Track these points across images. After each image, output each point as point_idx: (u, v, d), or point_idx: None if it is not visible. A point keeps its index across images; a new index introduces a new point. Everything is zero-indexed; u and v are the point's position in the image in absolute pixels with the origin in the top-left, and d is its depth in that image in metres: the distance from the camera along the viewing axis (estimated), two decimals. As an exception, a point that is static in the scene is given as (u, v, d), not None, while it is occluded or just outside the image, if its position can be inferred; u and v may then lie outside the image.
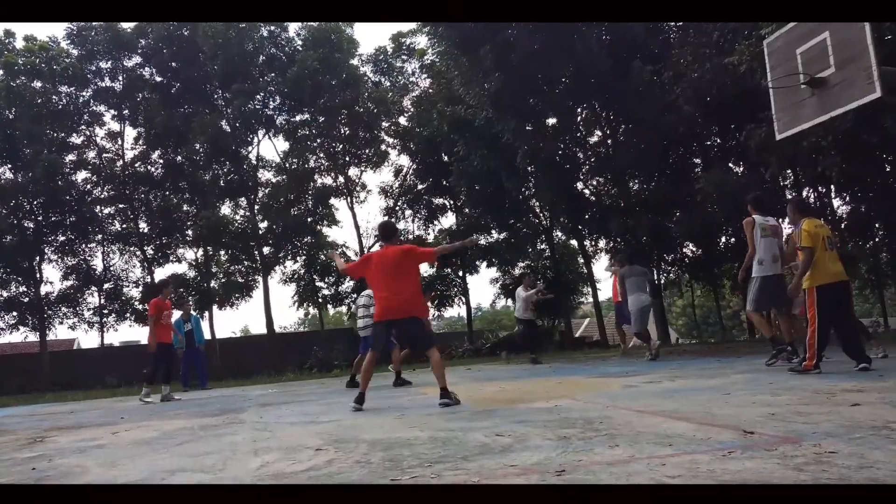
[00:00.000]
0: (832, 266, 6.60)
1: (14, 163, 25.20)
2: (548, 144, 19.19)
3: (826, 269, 6.55)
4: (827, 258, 6.58)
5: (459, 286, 27.81)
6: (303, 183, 26.60)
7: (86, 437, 6.09)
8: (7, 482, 3.80)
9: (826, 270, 6.54)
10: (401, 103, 28.13)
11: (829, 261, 6.60)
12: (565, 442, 3.65)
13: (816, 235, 6.56)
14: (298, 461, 3.73)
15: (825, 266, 6.55)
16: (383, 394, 8.65)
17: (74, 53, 26.07)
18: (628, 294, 11.73)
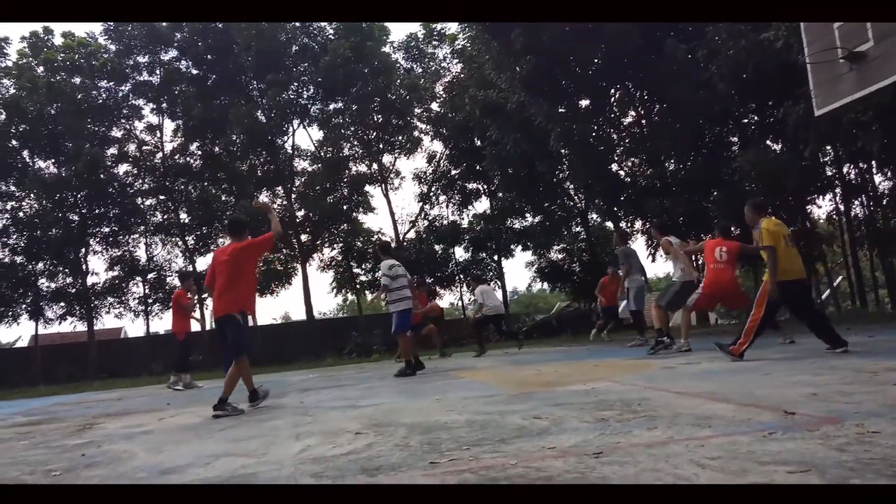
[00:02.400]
0: (794, 263, 6.82)
1: (57, 157, 25.85)
2: (581, 126, 18.99)
3: (789, 266, 6.73)
4: (789, 255, 6.79)
5: (495, 270, 27.81)
6: (338, 171, 26.80)
7: (133, 424, 6.26)
8: (55, 468, 3.95)
9: (789, 268, 6.71)
10: (433, 89, 28.12)
11: (791, 258, 6.82)
12: (603, 424, 3.66)
13: (777, 234, 6.74)
14: (339, 445, 3.79)
15: (789, 263, 6.73)
16: (421, 378, 8.72)
17: (112, 49, 26.55)
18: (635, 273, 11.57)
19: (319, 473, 3.03)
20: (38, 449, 4.99)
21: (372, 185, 28.00)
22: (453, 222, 28.17)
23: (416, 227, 28.44)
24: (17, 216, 25.96)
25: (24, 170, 25.90)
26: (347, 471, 3.03)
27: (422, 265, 25.97)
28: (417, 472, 2.84)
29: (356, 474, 2.93)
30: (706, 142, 19.15)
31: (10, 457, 4.64)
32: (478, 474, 2.68)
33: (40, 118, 25.20)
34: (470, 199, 28.53)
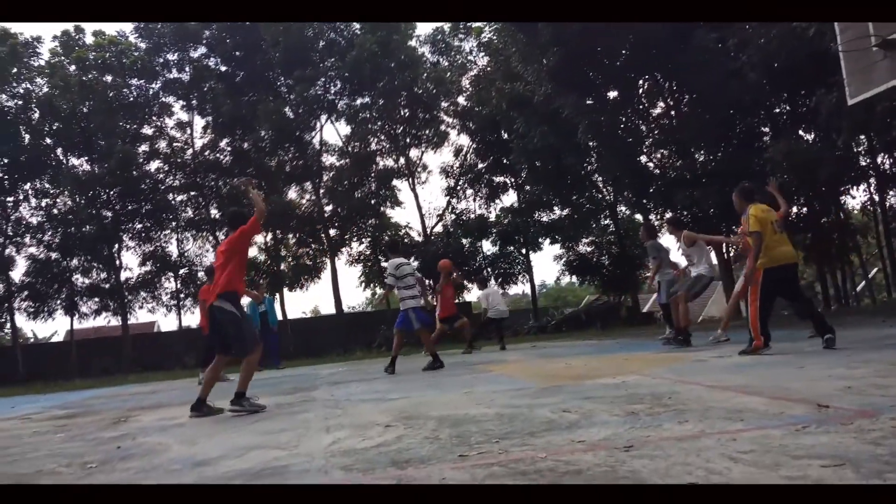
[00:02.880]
0: (782, 248, 6.79)
1: (90, 155, 26.29)
2: (609, 118, 18.85)
3: (776, 252, 6.71)
4: (777, 241, 6.78)
5: (523, 263, 27.72)
6: (365, 166, 26.89)
7: (167, 417, 6.36)
8: (91, 460, 4.03)
9: (776, 254, 6.71)
10: (459, 83, 28.05)
11: (779, 243, 6.80)
12: (633, 417, 3.64)
13: (764, 220, 6.75)
14: (369, 438, 3.82)
15: (775, 249, 6.72)
16: (450, 371, 8.74)
17: (142, 47, 26.91)
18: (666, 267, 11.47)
19: (350, 466, 3.06)
20: (75, 441, 5.10)
21: (399, 180, 28.07)
22: (480, 216, 28.12)
23: (443, 220, 28.45)
24: (52, 213, 26.47)
25: (57, 167, 26.38)
26: (377, 463, 3.06)
27: (449, 259, 25.93)
28: (447, 465, 2.85)
29: (386, 467, 2.95)
30: (736, 132, 18.89)
31: (48, 449, 4.75)
32: (507, 468, 2.69)
33: (73, 116, 25.65)
34: (497, 193, 28.46)
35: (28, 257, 26.13)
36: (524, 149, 22.09)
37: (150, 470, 3.49)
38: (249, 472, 3.14)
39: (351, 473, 2.89)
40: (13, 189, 25.93)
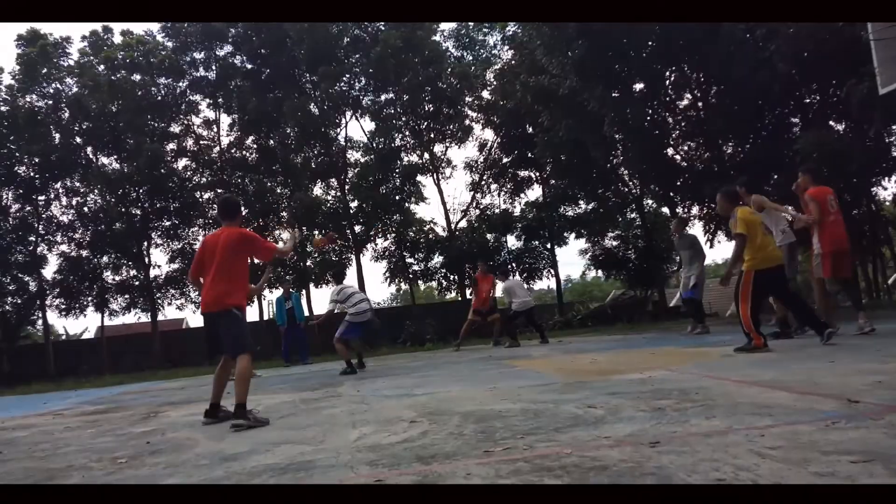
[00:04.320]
0: (771, 251, 6.92)
1: (119, 153, 26.66)
2: (635, 110, 18.64)
3: (768, 254, 6.83)
4: (767, 242, 6.95)
5: (548, 258, 27.62)
6: (390, 161, 26.93)
7: (196, 412, 6.44)
8: (121, 455, 4.09)
9: (768, 255, 6.83)
10: (483, 77, 27.97)
11: (769, 245, 6.96)
12: (660, 413, 3.62)
13: (752, 222, 6.85)
14: (394, 433, 3.84)
15: (767, 251, 6.84)
16: (475, 367, 8.75)
17: (169, 46, 27.17)
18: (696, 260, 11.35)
19: (375, 461, 3.08)
20: (106, 437, 5.18)
21: (423, 175, 28.05)
22: (505, 211, 28.02)
23: (467, 216, 28.41)
24: (83, 211, 26.85)
25: (87, 166, 26.73)
26: (402, 458, 3.07)
27: (474, 254, 25.94)
28: (472, 461, 2.86)
29: (411, 462, 2.97)
30: (765, 123, 18.61)
31: (79, 444, 4.84)
32: (532, 464, 2.69)
33: (102, 115, 25.97)
34: (522, 187, 28.34)
35: (59, 255, 26.56)
36: (549, 142, 21.96)
37: (178, 465, 3.54)
38: (277, 468, 3.17)
39: (376, 469, 2.91)
40: (44, 188, 26.37)
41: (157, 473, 3.34)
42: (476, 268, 15.97)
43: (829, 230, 7.57)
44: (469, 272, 26.72)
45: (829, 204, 7.65)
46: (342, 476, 2.84)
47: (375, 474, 2.79)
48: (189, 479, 3.10)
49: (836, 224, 7.60)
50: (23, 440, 5.44)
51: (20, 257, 25.94)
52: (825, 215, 7.57)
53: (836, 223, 7.61)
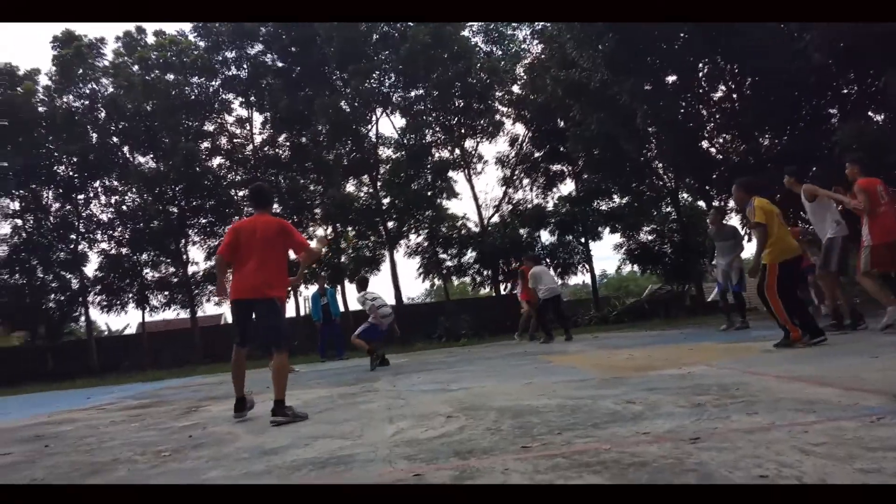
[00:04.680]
0: (790, 241, 6.82)
1: (156, 153, 27.10)
2: (668, 103, 18.41)
3: (787, 245, 6.72)
4: (786, 233, 6.80)
5: (582, 253, 27.44)
6: (421, 157, 26.96)
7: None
8: (164, 449, 4.17)
9: (787, 246, 6.72)
10: (513, 71, 27.85)
11: (788, 235, 6.83)
12: (699, 409, 3.58)
13: (771, 212, 6.72)
14: (431, 428, 3.86)
15: (786, 242, 6.73)
16: (510, 362, 8.74)
17: (201, 45, 27.51)
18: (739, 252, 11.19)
19: (413, 456, 3.09)
20: (149, 431, 5.29)
21: (455, 171, 28.02)
22: (538, 205, 27.90)
23: (500, 211, 28.34)
24: (121, 209, 27.38)
25: (125, 165, 27.24)
26: (440, 454, 3.09)
27: (507, 249, 25.89)
28: (509, 456, 2.86)
29: (449, 457, 2.98)
30: (802, 114, 18.25)
31: (124, 438, 4.94)
32: (570, 459, 2.68)
33: (138, 115, 26.40)
34: (554, 182, 28.20)
35: (100, 253, 27.14)
36: (581, 136, 21.80)
37: (220, 458, 3.60)
38: (316, 462, 3.21)
39: (414, 463, 2.93)
40: (84, 187, 26.92)
41: (199, 467, 3.40)
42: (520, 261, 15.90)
43: (880, 221, 7.36)
44: (503, 267, 26.69)
45: (878, 194, 7.46)
46: (381, 470, 2.86)
47: (413, 469, 2.81)
48: (231, 473, 3.15)
49: (886, 215, 7.39)
50: (69, 434, 5.58)
51: (62, 255, 26.53)
52: (875, 206, 7.37)
53: (886, 214, 7.40)
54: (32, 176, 25.72)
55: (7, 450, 4.77)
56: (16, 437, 5.66)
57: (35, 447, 4.82)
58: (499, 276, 26.87)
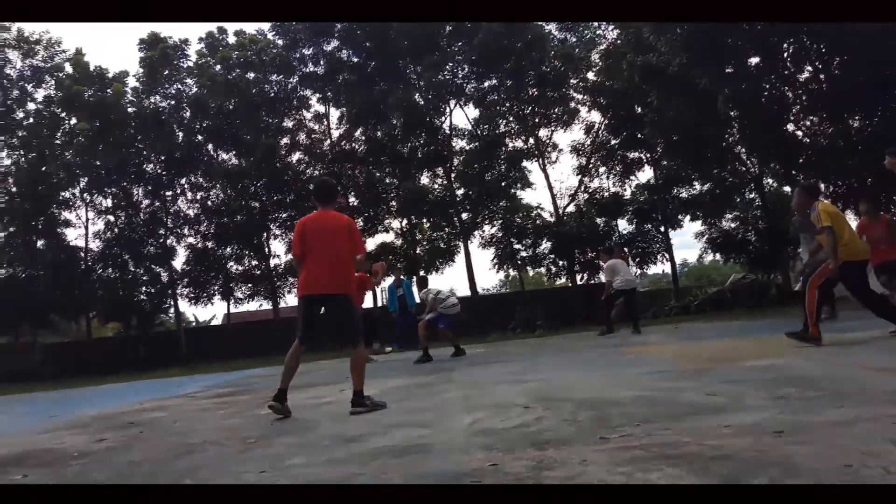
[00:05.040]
0: (860, 244, 6.71)
1: (238, 149, 27.93)
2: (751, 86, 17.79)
3: (856, 247, 6.53)
4: (854, 237, 6.65)
5: (662, 242, 26.82)
6: (494, 148, 26.87)
7: (316, 395, 6.73)
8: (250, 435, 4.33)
9: (856, 249, 6.52)
10: (588, 58, 27.38)
11: (857, 239, 6.70)
12: (784, 402, 3.48)
13: (837, 215, 6.55)
14: (508, 418, 3.88)
15: (855, 245, 6.54)
16: (588, 354, 8.66)
17: (280, 43, 28.16)
18: None
19: (490, 446, 3.12)
20: (235, 418, 5.50)
21: (529, 161, 27.81)
22: (615, 194, 27.40)
23: (575, 200, 27.97)
24: (206, 205, 28.48)
25: (209, 162, 28.24)
26: (517, 444, 3.10)
27: (583, 239, 25.55)
28: (587, 448, 2.85)
29: (526, 447, 3.00)
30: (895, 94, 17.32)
31: (213, 425, 5.16)
32: (650, 451, 2.66)
33: (220, 113, 27.34)
34: (632, 169, 27.61)
35: (187, 247, 28.31)
36: (659, 122, 21.28)
37: (303, 445, 3.71)
38: (395, 450, 3.28)
39: (491, 453, 2.96)
40: (171, 184, 28.12)
41: (284, 453, 3.52)
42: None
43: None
44: (579, 257, 26.37)
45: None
46: (458, 459, 2.90)
47: (490, 458, 2.84)
48: (313, 459, 3.25)
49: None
50: (161, 420, 5.86)
51: (152, 249, 27.74)
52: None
53: None
54: (123, 174, 26.97)
55: (103, 436, 5.04)
56: (111, 423, 5.97)
57: (129, 433, 5.08)
58: (575, 266, 26.54)
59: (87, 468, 3.63)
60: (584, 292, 24.98)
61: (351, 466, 3.01)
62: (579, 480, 2.34)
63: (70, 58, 28.36)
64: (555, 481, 2.36)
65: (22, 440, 5.26)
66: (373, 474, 2.80)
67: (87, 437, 5.03)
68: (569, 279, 28.26)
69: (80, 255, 27.95)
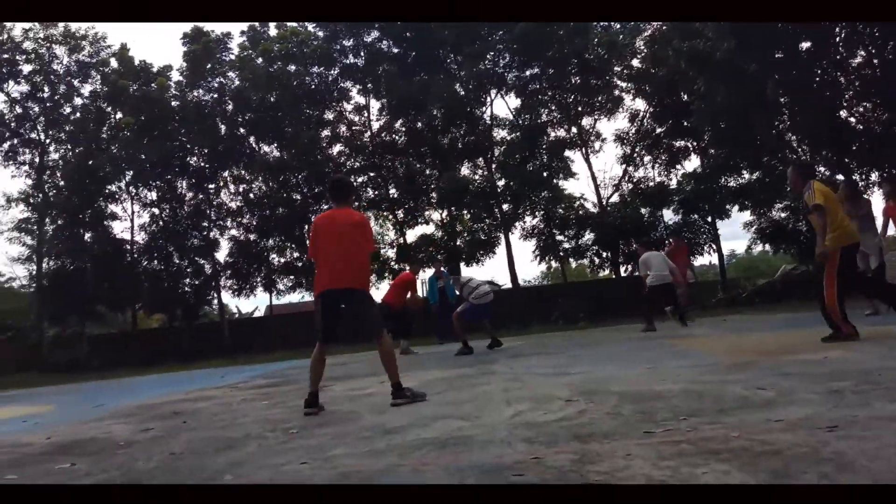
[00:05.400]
0: (851, 226, 6.44)
1: (279, 142, 28.21)
2: (802, 71, 17.32)
3: (848, 230, 6.31)
4: (845, 217, 6.42)
5: (709, 232, 26.30)
6: (536, 138, 26.64)
7: (356, 387, 6.76)
8: (292, 426, 4.35)
9: (848, 231, 6.30)
10: (633, 45, 26.92)
11: (847, 220, 6.45)
12: (837, 396, 3.36)
13: (829, 195, 6.32)
14: (550, 411, 3.82)
15: (847, 227, 6.31)
16: (632, 346, 8.54)
17: (320, 35, 28.29)
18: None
19: (532, 438, 3.07)
20: (277, 408, 5.55)
21: (571, 150, 27.49)
22: (660, 183, 26.94)
23: (619, 190, 27.59)
24: (249, 197, 28.83)
25: (251, 155, 28.58)
26: (559, 437, 3.05)
27: (627, 230, 25.19)
28: (631, 441, 2.78)
29: (569, 441, 2.94)
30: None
31: (255, 415, 5.21)
32: (696, 446, 2.58)
33: (262, 106, 27.61)
34: (678, 158, 27.11)
35: (230, 239, 28.73)
36: (707, 110, 20.85)
37: (344, 436, 3.71)
38: (436, 442, 3.25)
39: (533, 446, 2.91)
40: (214, 177, 28.54)
41: (325, 444, 3.52)
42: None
43: None
44: (623, 248, 26.01)
45: None
46: (499, 452, 2.86)
47: (532, 451, 2.79)
48: (354, 450, 3.24)
49: None
50: (204, 410, 5.94)
51: (196, 242, 28.18)
52: None
53: None
54: (168, 167, 27.46)
55: (149, 425, 5.13)
56: (156, 413, 6.09)
57: (174, 423, 5.16)
58: (619, 257, 26.20)
59: (132, 457, 3.68)
60: (628, 285, 24.65)
61: (391, 458, 2.99)
62: (624, 474, 2.28)
63: (115, 53, 29.02)
64: (599, 475, 2.30)
65: (70, 429, 5.38)
66: (413, 466, 2.78)
67: (132, 427, 5.13)
68: (612, 271, 27.92)
69: (126, 248, 28.61)
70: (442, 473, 2.59)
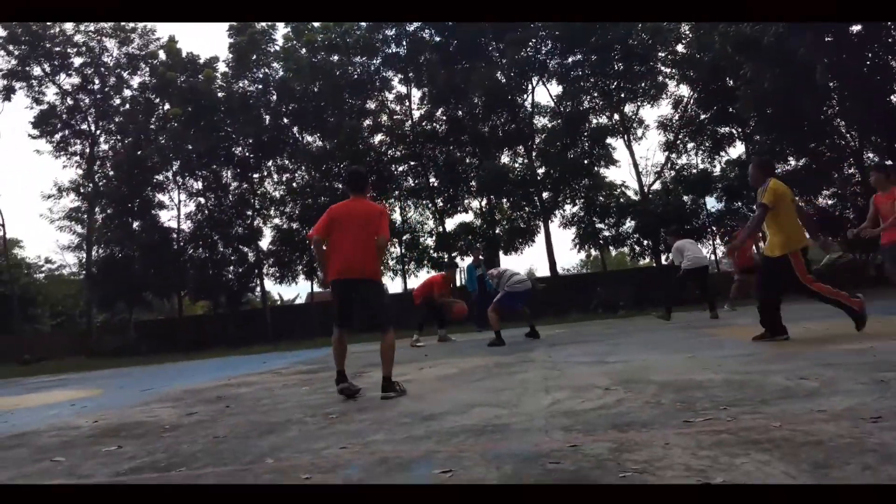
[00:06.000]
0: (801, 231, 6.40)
1: (322, 132, 28.43)
2: (852, 55, 16.84)
3: (798, 234, 6.30)
4: (796, 221, 6.35)
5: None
6: (577, 125, 26.38)
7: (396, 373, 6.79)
8: (332, 411, 4.41)
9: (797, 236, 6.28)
10: (678, 29, 26.45)
11: (798, 226, 6.39)
12: (883, 386, 3.29)
13: (783, 195, 6.26)
14: (588, 399, 3.82)
15: (798, 229, 6.32)
16: (672, 335, 8.46)
17: (364, 25, 28.38)
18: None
19: (569, 427, 3.08)
20: (317, 394, 5.63)
21: (613, 137, 27.17)
22: (703, 170, 26.51)
23: (661, 177, 27.22)
24: (291, 186, 29.24)
25: (294, 145, 28.94)
26: (597, 426, 3.05)
27: (669, 218, 24.84)
28: (670, 431, 2.77)
29: (607, 429, 2.94)
30: None
31: (296, 400, 5.30)
32: (736, 436, 2.56)
33: (305, 96, 27.90)
34: (722, 145, 26.63)
35: (273, 228, 29.20)
36: (753, 95, 20.42)
37: (383, 422, 3.76)
38: (474, 429, 3.27)
39: (571, 434, 2.91)
40: (258, 166, 28.97)
41: (364, 430, 3.58)
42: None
43: None
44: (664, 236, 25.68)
45: None
46: (537, 440, 2.87)
47: (570, 439, 2.80)
48: (393, 437, 3.29)
49: None
50: (247, 395, 6.06)
51: (240, 230, 28.66)
52: None
53: None
54: (213, 157, 27.94)
55: (193, 409, 5.26)
56: (201, 397, 6.23)
57: (217, 407, 5.28)
58: (660, 245, 25.87)
59: (177, 440, 3.79)
60: (669, 273, 24.33)
61: (429, 444, 3.03)
62: (662, 464, 2.28)
63: (163, 45, 29.54)
64: (636, 464, 2.30)
65: (118, 413, 5.54)
66: (450, 453, 2.81)
67: (178, 411, 5.26)
68: (653, 259, 27.59)
69: (173, 236, 29.24)
70: (479, 460, 2.61)
